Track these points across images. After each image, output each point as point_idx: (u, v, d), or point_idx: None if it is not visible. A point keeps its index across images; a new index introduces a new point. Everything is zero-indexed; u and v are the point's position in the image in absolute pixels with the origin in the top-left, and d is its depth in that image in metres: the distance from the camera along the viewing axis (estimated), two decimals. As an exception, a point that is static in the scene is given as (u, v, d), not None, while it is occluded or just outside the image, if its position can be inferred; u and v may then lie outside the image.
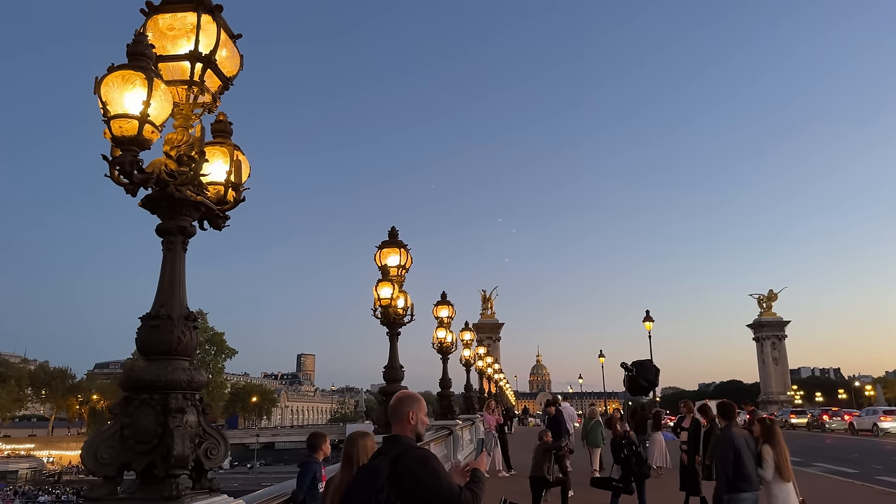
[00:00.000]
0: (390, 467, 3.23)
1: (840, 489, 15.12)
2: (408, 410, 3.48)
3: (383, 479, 3.20)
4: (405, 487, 3.17)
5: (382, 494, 3.17)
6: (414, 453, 3.28)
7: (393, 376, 11.69)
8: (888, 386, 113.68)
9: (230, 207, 4.74)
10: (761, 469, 7.07)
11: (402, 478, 3.19)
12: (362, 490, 3.27)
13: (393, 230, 12.00)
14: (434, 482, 3.19)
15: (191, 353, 4.22)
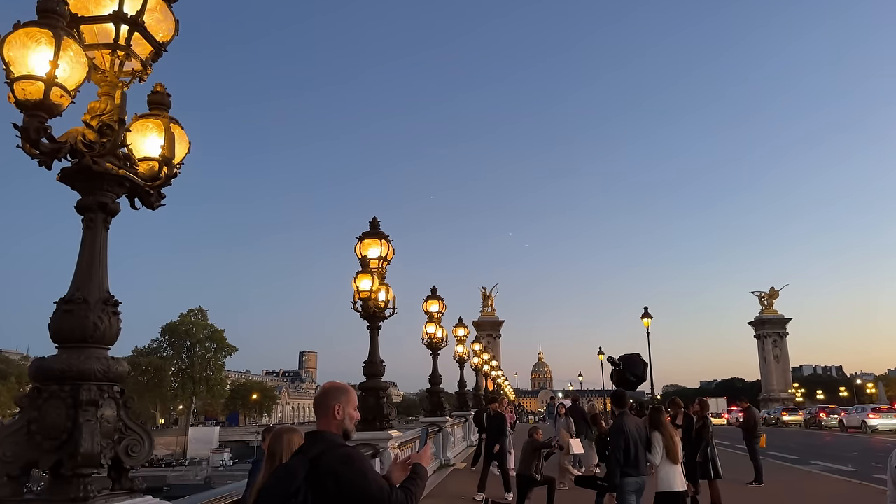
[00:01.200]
0: (308, 467, 2.87)
1: (838, 488, 14.76)
2: (333, 404, 3.09)
3: (300, 481, 2.83)
4: (325, 490, 2.81)
5: (298, 498, 2.80)
6: (337, 451, 2.92)
7: (373, 371, 11.36)
8: (889, 384, 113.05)
9: (162, 184, 4.37)
10: (650, 454, 7.48)
11: (322, 479, 2.83)
12: (276, 492, 2.91)
13: (374, 221, 11.65)
14: (359, 482, 2.84)
15: (110, 340, 3.86)
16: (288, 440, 3.94)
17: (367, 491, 2.83)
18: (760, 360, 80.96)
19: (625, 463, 7.42)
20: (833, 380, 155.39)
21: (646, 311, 38.18)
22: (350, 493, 2.82)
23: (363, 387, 11.46)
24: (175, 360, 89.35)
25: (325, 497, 2.81)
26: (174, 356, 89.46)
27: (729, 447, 23.91)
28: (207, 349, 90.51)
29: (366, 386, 11.41)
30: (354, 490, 2.82)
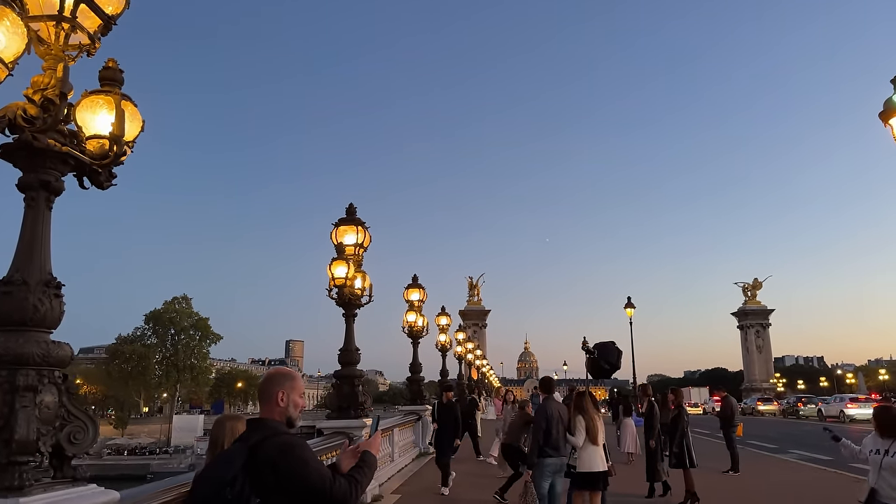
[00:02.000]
0: (247, 455, 2.75)
1: (813, 476, 14.90)
2: (277, 390, 2.98)
3: (237, 468, 2.70)
4: (263, 480, 2.70)
5: (234, 487, 2.66)
6: (276, 439, 2.79)
7: (348, 359, 11.25)
8: (869, 374, 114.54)
9: (111, 163, 4.21)
10: (572, 436, 7.98)
11: (260, 468, 2.71)
12: (212, 479, 2.77)
13: (351, 207, 11.51)
14: (299, 471, 2.73)
15: (52, 324, 3.71)
16: (230, 427, 3.82)
17: (308, 480, 2.73)
18: (743, 351, 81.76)
19: (544, 443, 7.95)
20: (814, 370, 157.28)
21: (629, 301, 38.38)
22: (289, 482, 2.71)
23: (338, 374, 11.36)
24: (159, 347, 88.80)
25: (262, 486, 2.69)
26: (158, 344, 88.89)
27: (709, 436, 24.12)
28: (192, 337, 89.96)
29: (341, 374, 11.30)
30: (294, 479, 2.71)
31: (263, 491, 2.70)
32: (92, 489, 3.74)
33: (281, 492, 2.70)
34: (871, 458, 5.85)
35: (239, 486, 2.67)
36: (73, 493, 3.59)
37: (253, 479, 2.70)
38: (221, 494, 2.66)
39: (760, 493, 12.61)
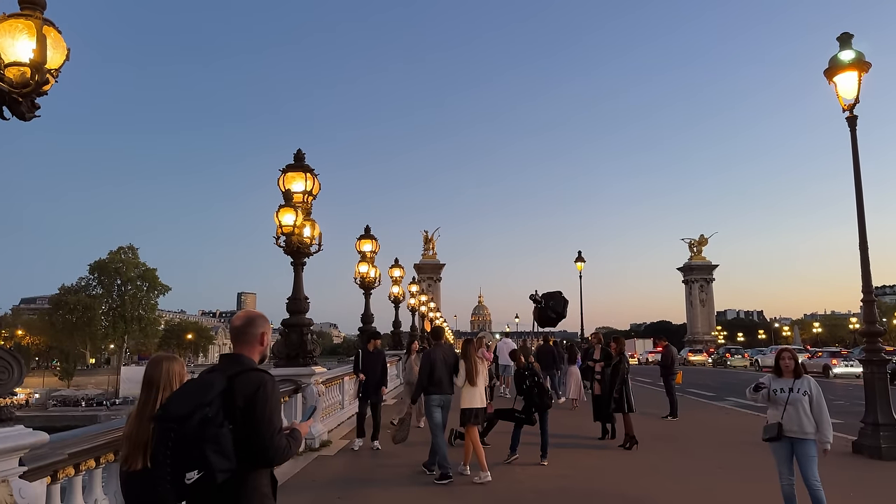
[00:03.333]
0: (226, 383, 2.91)
1: (745, 420, 15.65)
2: (261, 332, 3.19)
3: (215, 394, 2.85)
4: (235, 406, 2.85)
5: (211, 408, 2.79)
6: (255, 374, 2.99)
7: (297, 308, 11.17)
8: (804, 327, 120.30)
9: (31, 92, 3.98)
10: (456, 377, 9.14)
11: (235, 396, 2.88)
12: (189, 400, 2.83)
13: (299, 153, 11.24)
14: (263, 407, 2.90)
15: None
16: (167, 368, 3.75)
17: (267, 418, 2.90)
18: (687, 305, 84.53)
19: (429, 383, 9.16)
20: (754, 323, 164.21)
21: (579, 256, 39.03)
22: (253, 414, 2.87)
23: (286, 323, 11.29)
24: (105, 298, 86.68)
25: (233, 412, 2.84)
26: (104, 295, 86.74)
27: (651, 384, 25.05)
28: (139, 288, 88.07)
29: (289, 322, 11.24)
30: (257, 413, 2.87)
31: (232, 416, 2.84)
32: (19, 430, 3.66)
33: (245, 420, 2.85)
34: (777, 397, 6.35)
35: (214, 410, 2.80)
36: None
37: (227, 404, 2.84)
38: (197, 413, 2.76)
39: (693, 435, 13.20)
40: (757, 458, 9.68)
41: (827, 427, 6.20)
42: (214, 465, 2.72)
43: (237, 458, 2.81)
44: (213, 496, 2.82)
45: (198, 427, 2.75)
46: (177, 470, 2.74)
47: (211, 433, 2.75)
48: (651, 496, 8.01)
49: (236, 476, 2.83)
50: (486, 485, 8.54)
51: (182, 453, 2.74)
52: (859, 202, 11.35)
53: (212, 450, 2.73)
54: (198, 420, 2.76)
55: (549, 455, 9.90)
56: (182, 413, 2.79)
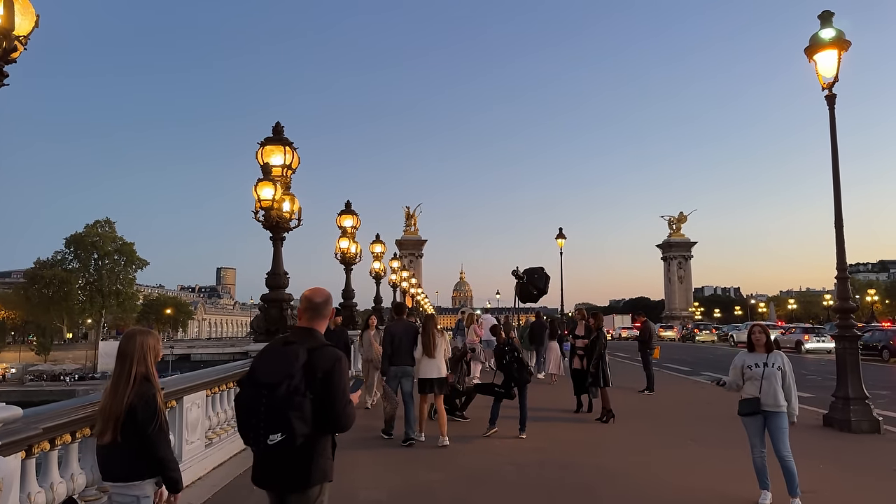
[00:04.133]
0: (307, 356, 3.26)
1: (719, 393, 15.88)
2: (332, 310, 3.64)
3: (299, 365, 3.21)
4: (315, 378, 3.21)
5: (296, 379, 3.17)
6: (330, 350, 3.37)
7: (276, 283, 11.10)
8: (780, 304, 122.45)
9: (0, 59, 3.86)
10: (416, 349, 9.64)
11: (315, 368, 3.23)
12: (280, 369, 3.21)
13: (278, 126, 11.09)
14: (339, 381, 3.27)
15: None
16: (140, 342, 3.72)
17: (342, 390, 3.26)
18: (665, 281, 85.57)
19: (392, 354, 9.78)
20: (731, 300, 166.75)
21: (560, 233, 39.18)
22: (329, 386, 3.22)
23: (266, 298, 11.21)
24: (82, 272, 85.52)
25: (312, 382, 3.19)
26: (81, 269, 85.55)
27: (629, 359, 25.39)
28: (116, 262, 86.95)
29: (269, 297, 11.16)
30: (333, 385, 3.23)
31: (312, 385, 3.19)
32: (-11, 403, 3.60)
33: (322, 390, 3.21)
34: (752, 372, 6.44)
35: (298, 380, 3.17)
36: (-35, 407, 3.44)
37: (308, 376, 3.20)
38: (285, 383, 3.14)
39: (669, 409, 13.44)
40: (729, 431, 9.86)
41: (795, 402, 6.38)
42: (296, 430, 3.10)
43: (314, 424, 3.18)
44: (287, 456, 3.19)
45: (285, 395, 3.12)
46: (264, 431, 3.12)
47: (297, 401, 3.13)
48: (626, 468, 8.17)
49: (308, 439, 3.18)
50: (464, 456, 8.67)
51: (270, 417, 3.11)
52: (836, 181, 11.47)
53: (296, 416, 3.11)
54: (285, 389, 3.13)
55: (528, 429, 10.02)
56: (272, 381, 3.17)
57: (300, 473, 3.26)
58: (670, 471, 8.03)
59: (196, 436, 7.15)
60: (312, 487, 3.30)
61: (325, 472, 3.34)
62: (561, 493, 7.13)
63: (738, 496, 6.72)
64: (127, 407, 3.62)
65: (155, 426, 3.63)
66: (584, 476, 7.83)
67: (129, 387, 3.66)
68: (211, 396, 7.81)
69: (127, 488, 3.64)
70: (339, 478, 7.46)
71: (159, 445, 3.66)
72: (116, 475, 3.68)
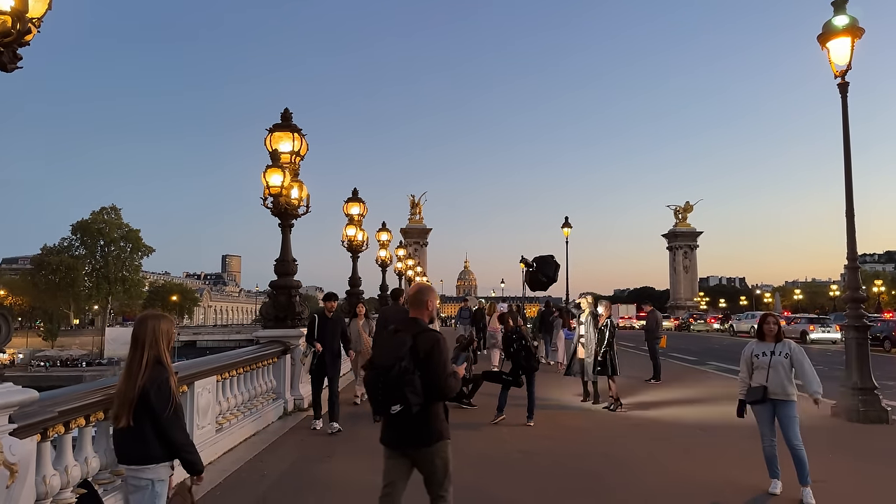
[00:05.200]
0: (412, 341, 4.03)
1: (725, 383, 15.92)
2: (426, 299, 4.33)
3: (407, 349, 3.98)
4: (419, 358, 3.98)
5: (405, 361, 3.93)
6: (429, 333, 4.12)
7: (284, 269, 11.12)
8: (785, 294, 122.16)
9: (13, 41, 3.83)
10: None
11: (419, 350, 4.00)
12: (392, 353, 4.01)
13: (286, 112, 11.06)
14: (439, 358, 4.02)
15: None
16: (153, 326, 3.72)
17: (442, 365, 4.02)
18: (671, 271, 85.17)
19: None
20: (736, 290, 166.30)
21: (566, 221, 39.00)
22: (430, 363, 3.98)
23: (274, 285, 11.23)
24: (88, 259, 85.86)
25: (417, 362, 3.97)
26: (87, 255, 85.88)
27: (634, 349, 25.37)
28: (122, 249, 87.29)
29: (277, 284, 11.18)
30: (434, 362, 3.99)
31: (418, 364, 3.95)
32: (8, 387, 3.61)
33: (427, 368, 3.97)
34: (760, 361, 6.46)
35: (406, 361, 3.92)
36: (-14, 391, 3.45)
37: (414, 357, 3.96)
38: (397, 365, 3.91)
39: (679, 398, 13.42)
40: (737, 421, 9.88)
41: (812, 381, 6.29)
42: (411, 401, 3.88)
43: (424, 395, 3.92)
44: (408, 420, 3.98)
45: (398, 374, 3.88)
46: (385, 403, 3.94)
47: (408, 379, 3.89)
48: (635, 456, 8.17)
49: (423, 407, 3.96)
50: (473, 443, 8.67)
51: (389, 393, 3.91)
52: (847, 170, 11.37)
53: (409, 391, 3.87)
54: (397, 369, 3.89)
55: (536, 416, 10.03)
56: (386, 364, 3.97)
57: (420, 434, 4.06)
58: (679, 459, 8.03)
59: (207, 421, 7.18)
60: (432, 445, 4.09)
61: (441, 432, 4.11)
62: (570, 481, 7.14)
63: (749, 484, 6.72)
64: (140, 391, 3.63)
65: (169, 410, 3.64)
66: (594, 464, 7.84)
67: (141, 371, 3.67)
68: (221, 382, 7.83)
69: (141, 471, 3.65)
70: (349, 462, 7.57)
71: (174, 429, 3.66)
72: (131, 458, 3.69)
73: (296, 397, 10.79)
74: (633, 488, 6.85)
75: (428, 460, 4.13)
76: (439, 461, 4.13)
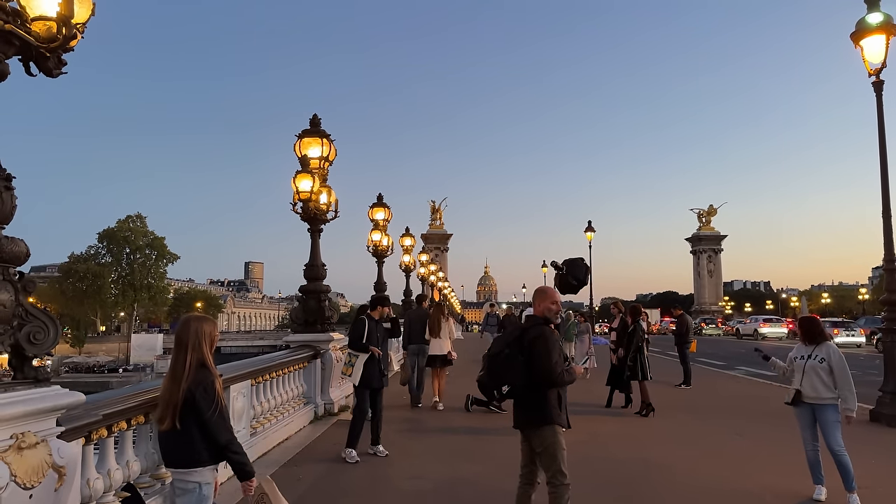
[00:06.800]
0: (520, 333, 4.71)
1: (757, 389, 15.68)
2: (537, 300, 4.88)
3: (513, 339, 4.70)
4: (524, 349, 4.57)
5: (510, 348, 4.63)
6: (537, 329, 4.66)
7: (314, 274, 11.14)
8: (812, 298, 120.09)
9: (60, 47, 3.86)
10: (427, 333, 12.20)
11: (524, 340, 4.60)
12: (500, 343, 4.84)
13: (315, 118, 11.10)
14: (543, 351, 4.51)
15: (3, 217, 3.46)
16: (196, 328, 3.71)
17: (545, 353, 4.51)
18: (695, 275, 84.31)
19: (409, 335, 12.42)
20: (761, 294, 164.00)
21: (589, 225, 38.81)
22: (532, 349, 4.54)
23: (304, 290, 11.26)
24: (114, 266, 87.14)
25: (521, 351, 4.56)
26: (113, 263, 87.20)
27: (659, 353, 25.06)
28: (148, 256, 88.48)
29: (307, 289, 11.21)
30: (536, 350, 4.52)
31: (522, 353, 4.55)
32: (56, 390, 3.63)
33: (533, 359, 4.52)
34: (796, 364, 6.40)
35: (512, 348, 4.61)
36: (34, 393, 3.47)
37: (519, 345, 4.60)
38: (504, 351, 4.66)
39: (708, 403, 13.22)
40: (775, 426, 9.70)
41: (849, 396, 6.06)
42: (513, 381, 4.55)
43: (528, 378, 4.50)
44: (521, 404, 4.68)
45: (505, 359, 4.60)
46: (497, 384, 4.64)
47: (512, 363, 4.54)
48: (672, 462, 8.02)
49: (532, 389, 4.54)
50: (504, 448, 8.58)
51: (498, 375, 4.64)
52: (883, 168, 11.16)
53: (512, 373, 4.53)
54: (504, 355, 4.61)
55: (569, 421, 9.89)
56: (495, 351, 4.76)
57: (529, 417, 4.65)
58: (718, 465, 7.87)
59: (241, 425, 7.19)
60: (542, 427, 4.58)
61: (552, 417, 4.57)
62: (608, 487, 7.01)
63: (792, 491, 6.56)
64: (184, 393, 3.62)
65: (214, 411, 3.63)
66: (631, 469, 7.70)
67: (185, 373, 3.66)
68: (255, 386, 7.84)
69: (189, 475, 3.64)
70: (383, 467, 7.54)
71: (221, 431, 3.65)
72: (177, 462, 3.68)
73: (326, 402, 10.79)
74: (673, 495, 6.72)
75: (536, 443, 4.64)
76: (545, 444, 4.58)
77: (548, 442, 4.57)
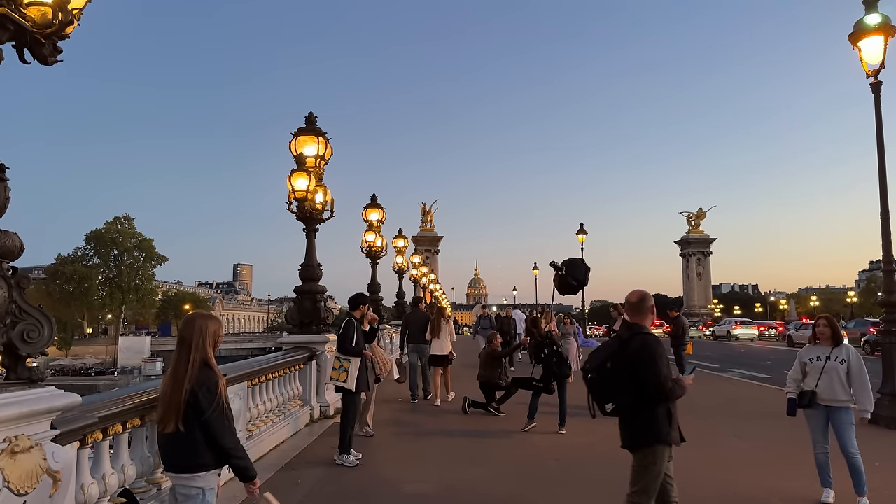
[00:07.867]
0: (619, 345, 4.23)
1: (753, 391, 15.67)
2: (650, 304, 4.37)
3: (610, 353, 4.25)
4: (627, 361, 4.11)
5: (611, 361, 4.18)
6: (640, 338, 4.17)
7: (310, 275, 10.98)
8: (800, 301, 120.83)
9: (55, 33, 3.70)
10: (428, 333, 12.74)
11: (625, 352, 4.15)
12: (599, 357, 4.34)
13: (311, 116, 10.95)
14: (649, 363, 4.04)
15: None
16: (200, 326, 3.57)
17: (655, 371, 4.02)
18: (684, 278, 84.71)
19: (408, 335, 13.08)
20: (749, 297, 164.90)
21: (581, 228, 38.83)
22: (638, 363, 4.06)
23: (299, 290, 11.09)
24: (102, 268, 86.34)
25: (623, 362, 4.13)
26: (101, 265, 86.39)
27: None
28: (136, 258, 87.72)
29: (302, 289, 11.04)
30: (641, 363, 4.05)
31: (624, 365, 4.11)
32: (51, 391, 3.46)
33: (638, 371, 4.05)
34: (813, 365, 6.20)
35: (613, 362, 4.17)
36: (30, 394, 3.30)
37: (618, 360, 4.16)
38: (604, 364, 4.22)
39: (705, 406, 13.13)
40: (773, 429, 9.64)
41: (867, 398, 6.09)
42: (621, 400, 4.13)
43: (635, 394, 4.06)
44: (624, 421, 4.24)
45: (607, 376, 4.16)
46: (601, 401, 4.21)
47: (615, 379, 4.12)
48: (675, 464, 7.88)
49: (639, 404, 4.09)
50: (506, 451, 8.50)
51: (602, 391, 4.22)
52: (882, 170, 11.17)
53: (617, 390, 4.12)
54: (606, 371, 4.17)
55: (567, 424, 9.80)
56: (595, 366, 4.28)
57: (632, 435, 4.22)
58: (720, 467, 7.79)
59: (238, 428, 6.98)
60: (645, 448, 4.16)
61: (657, 434, 4.11)
62: (611, 490, 6.89)
63: (798, 494, 6.47)
64: (187, 394, 3.47)
65: (214, 411, 3.48)
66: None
67: (188, 373, 3.51)
68: (251, 388, 7.67)
69: (192, 480, 3.49)
70: (384, 470, 7.39)
71: (223, 432, 3.51)
72: (181, 466, 3.53)
73: (322, 404, 10.62)
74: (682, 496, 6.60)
75: (634, 461, 4.26)
76: (644, 463, 4.18)
77: (647, 461, 4.16)
